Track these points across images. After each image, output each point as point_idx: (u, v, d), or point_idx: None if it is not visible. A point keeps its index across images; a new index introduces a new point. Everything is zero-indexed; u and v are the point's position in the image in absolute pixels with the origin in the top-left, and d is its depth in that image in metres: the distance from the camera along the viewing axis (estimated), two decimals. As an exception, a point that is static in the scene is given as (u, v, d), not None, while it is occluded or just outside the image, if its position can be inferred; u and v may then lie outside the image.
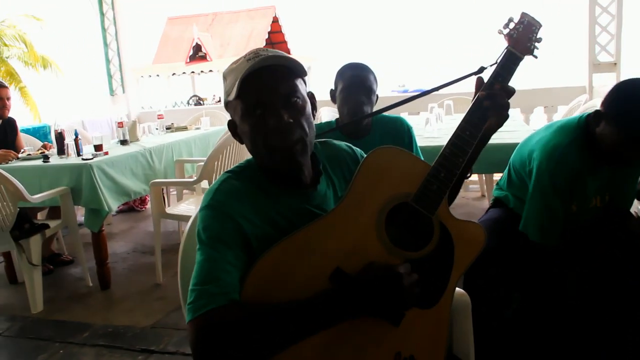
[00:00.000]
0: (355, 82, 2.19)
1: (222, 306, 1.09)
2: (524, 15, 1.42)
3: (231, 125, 1.33)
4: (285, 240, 1.20)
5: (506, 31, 1.41)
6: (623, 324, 2.00)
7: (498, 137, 2.18)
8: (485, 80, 1.40)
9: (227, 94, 1.26)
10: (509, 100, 1.38)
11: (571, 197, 1.94)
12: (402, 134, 2.25)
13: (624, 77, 5.38)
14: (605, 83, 5.25)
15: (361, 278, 1.16)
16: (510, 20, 1.42)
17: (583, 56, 5.39)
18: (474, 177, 5.47)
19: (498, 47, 1.43)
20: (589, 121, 1.91)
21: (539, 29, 1.41)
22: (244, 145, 1.32)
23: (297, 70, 1.26)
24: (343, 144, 1.49)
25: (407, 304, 1.18)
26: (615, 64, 5.36)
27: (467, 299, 1.54)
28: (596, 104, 2.02)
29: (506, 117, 1.39)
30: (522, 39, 1.40)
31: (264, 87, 1.21)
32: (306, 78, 1.33)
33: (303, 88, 1.27)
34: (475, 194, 5.36)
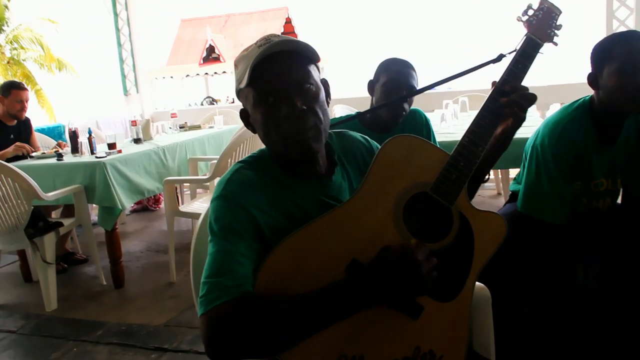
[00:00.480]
0: (399, 77, 2.16)
1: (235, 298, 1.06)
2: (543, 1, 1.38)
3: (243, 114, 1.30)
4: (299, 231, 1.16)
5: (525, 18, 1.37)
6: (631, 318, 1.94)
7: (525, 132, 2.15)
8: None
9: (238, 81, 1.22)
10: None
11: (574, 174, 1.90)
12: (420, 126, 2.22)
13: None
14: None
15: (377, 263, 1.12)
16: (529, 7, 1.38)
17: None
18: (490, 174, 5.41)
19: (514, 40, 1.39)
20: (592, 99, 1.90)
21: (559, 16, 1.38)
22: (257, 141, 1.29)
23: (310, 56, 1.23)
24: (358, 135, 1.45)
25: (425, 290, 1.13)
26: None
27: (487, 293, 1.49)
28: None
29: (522, 119, 1.35)
30: (542, 25, 1.36)
31: (276, 74, 1.17)
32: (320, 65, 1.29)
33: (316, 74, 1.24)
34: (492, 191, 5.30)
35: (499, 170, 4.80)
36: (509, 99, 1.30)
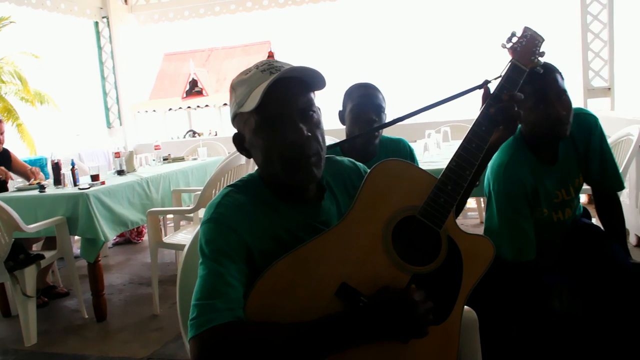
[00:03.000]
0: (364, 100, 2.20)
1: (227, 323, 1.06)
2: (526, 29, 1.43)
3: (238, 138, 1.29)
4: (289, 255, 1.17)
5: (509, 45, 1.42)
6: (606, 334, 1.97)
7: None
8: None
9: (238, 105, 1.22)
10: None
11: (538, 205, 1.95)
12: (404, 155, 2.25)
13: (618, 102, 5.43)
14: (600, 108, 5.28)
15: (375, 303, 1.13)
16: (513, 34, 1.43)
17: (577, 81, 5.44)
18: (473, 204, 5.45)
19: (496, 70, 1.43)
20: (522, 130, 1.97)
21: (541, 43, 1.42)
22: (241, 172, 1.30)
23: (312, 83, 1.25)
24: (346, 159, 1.47)
25: (421, 331, 1.14)
26: (609, 88, 5.41)
27: (474, 316, 1.50)
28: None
29: (516, 127, 1.39)
30: (526, 52, 1.41)
31: (283, 100, 1.18)
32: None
33: (315, 101, 1.26)
34: (474, 221, 5.34)
35: (482, 198, 4.84)
36: (503, 114, 1.33)
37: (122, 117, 7.21)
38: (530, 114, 1.86)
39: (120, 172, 4.35)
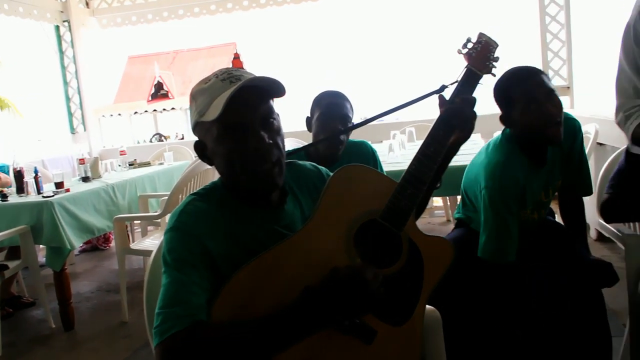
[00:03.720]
0: (331, 109, 2.22)
1: (187, 327, 1.07)
2: (481, 35, 1.46)
3: (199, 146, 1.30)
4: (253, 262, 1.19)
5: (465, 50, 1.45)
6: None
7: (462, 160, 2.24)
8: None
9: (200, 114, 1.23)
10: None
11: (524, 205, 1.99)
12: (367, 157, 2.28)
13: (577, 100, 5.58)
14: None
15: (326, 283, 1.14)
16: (469, 40, 1.46)
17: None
18: (439, 202, 5.53)
19: (455, 73, 1.47)
20: (512, 132, 2.00)
21: (496, 49, 1.46)
22: (208, 177, 1.31)
23: (272, 91, 1.27)
24: (308, 163, 1.49)
25: (374, 306, 1.16)
26: (568, 87, 5.56)
27: (438, 315, 1.53)
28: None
29: (472, 128, 1.42)
30: (481, 57, 1.44)
31: (244, 108, 1.20)
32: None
33: (274, 108, 1.28)
34: (441, 219, 5.41)
35: (447, 197, 4.92)
36: (457, 114, 1.38)
37: (86, 122, 7.11)
38: (523, 116, 1.88)
39: (85, 179, 4.31)
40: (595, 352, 1.96)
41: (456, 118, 1.38)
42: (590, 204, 2.16)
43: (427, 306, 1.38)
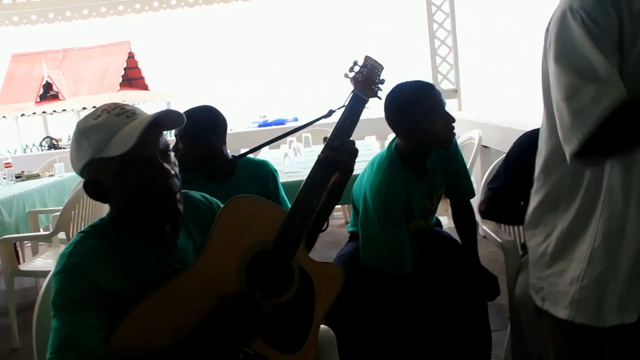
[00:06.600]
0: (192, 132, 2.10)
1: None
2: (367, 58, 1.51)
3: (93, 184, 1.25)
4: (146, 300, 1.19)
5: (352, 75, 1.49)
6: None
7: (358, 168, 2.31)
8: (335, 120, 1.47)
9: (96, 150, 1.19)
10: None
11: (413, 216, 2.11)
12: (266, 178, 2.22)
13: (464, 102, 5.91)
14: (449, 108, 5.69)
15: (215, 313, 1.18)
16: (355, 63, 1.50)
17: (430, 83, 5.86)
18: (337, 205, 5.64)
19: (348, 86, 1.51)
20: (397, 146, 2.11)
21: (381, 71, 1.52)
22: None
23: (170, 123, 1.29)
24: (198, 194, 1.50)
25: (266, 328, 1.21)
26: (456, 90, 5.87)
27: (332, 334, 1.59)
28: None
29: (351, 171, 1.47)
30: (367, 81, 1.49)
31: (146, 142, 1.19)
32: None
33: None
34: (340, 221, 5.54)
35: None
36: (336, 153, 1.42)
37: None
38: (428, 125, 1.98)
39: (-35, 196, 4.04)
40: (477, 346, 2.13)
41: (334, 166, 1.42)
42: (474, 205, 2.33)
43: (322, 326, 1.43)
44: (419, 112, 1.99)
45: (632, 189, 1.14)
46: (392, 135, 2.17)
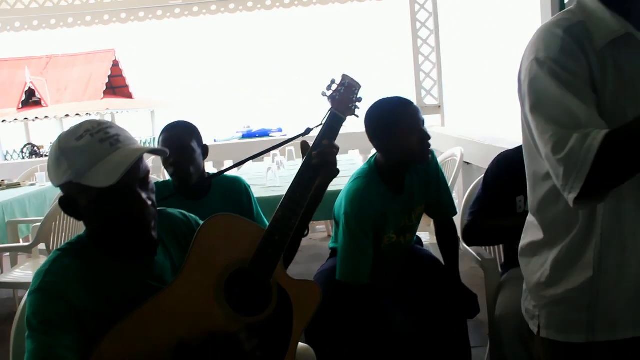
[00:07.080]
0: (171, 142, 2.10)
1: None
2: (344, 77, 1.54)
3: (67, 202, 1.24)
4: (125, 319, 1.19)
5: (329, 93, 1.52)
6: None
7: (340, 184, 2.33)
8: (312, 142, 1.49)
9: (76, 174, 1.16)
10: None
11: (384, 230, 2.13)
12: (240, 195, 2.24)
13: (447, 117, 5.98)
14: (433, 124, 5.77)
15: (202, 350, 1.18)
16: (333, 82, 1.53)
17: (412, 100, 5.90)
18: (309, 229, 5.66)
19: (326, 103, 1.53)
20: (377, 160, 2.15)
21: (358, 90, 1.54)
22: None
23: (154, 151, 1.30)
24: (177, 211, 1.50)
25: None
26: (439, 106, 5.94)
27: (312, 353, 1.61)
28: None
29: (336, 172, 1.50)
30: (344, 100, 1.51)
31: (129, 173, 1.16)
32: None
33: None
34: (322, 234, 5.55)
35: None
36: (320, 158, 1.44)
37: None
38: (404, 141, 2.01)
39: (-56, 205, 4.00)
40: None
41: (320, 160, 1.44)
42: (456, 221, 2.36)
43: (301, 344, 1.45)
44: (395, 129, 2.02)
45: (625, 218, 1.16)
46: (375, 150, 2.20)
